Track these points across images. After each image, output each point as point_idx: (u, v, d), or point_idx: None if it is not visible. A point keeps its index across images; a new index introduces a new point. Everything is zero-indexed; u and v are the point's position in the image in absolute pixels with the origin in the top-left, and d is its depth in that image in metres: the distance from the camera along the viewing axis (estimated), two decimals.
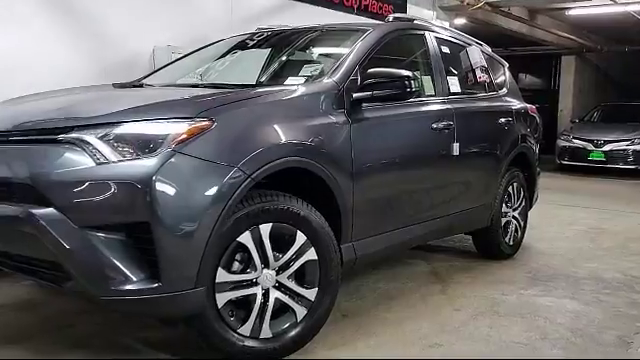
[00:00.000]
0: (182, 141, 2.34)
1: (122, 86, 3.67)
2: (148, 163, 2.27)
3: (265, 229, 2.61)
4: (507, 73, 5.19)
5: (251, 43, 4.14)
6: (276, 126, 2.68)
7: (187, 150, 2.33)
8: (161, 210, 2.23)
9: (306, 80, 3.21)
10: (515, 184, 4.84)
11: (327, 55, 3.64)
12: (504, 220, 4.75)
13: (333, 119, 2.99)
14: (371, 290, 3.94)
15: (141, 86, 3.70)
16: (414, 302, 3.72)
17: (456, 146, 3.89)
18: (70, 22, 4.63)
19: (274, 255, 2.67)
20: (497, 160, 4.49)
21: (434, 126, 3.72)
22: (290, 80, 3.26)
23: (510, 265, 4.71)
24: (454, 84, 4.18)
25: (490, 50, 5.14)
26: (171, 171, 2.28)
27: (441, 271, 4.49)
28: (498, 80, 4.96)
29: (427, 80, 3.93)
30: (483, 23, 11.39)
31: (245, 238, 2.56)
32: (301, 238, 2.73)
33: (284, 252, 2.70)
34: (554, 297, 3.92)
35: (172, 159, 2.30)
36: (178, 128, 2.36)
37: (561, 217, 7.08)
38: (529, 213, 5.28)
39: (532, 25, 12.21)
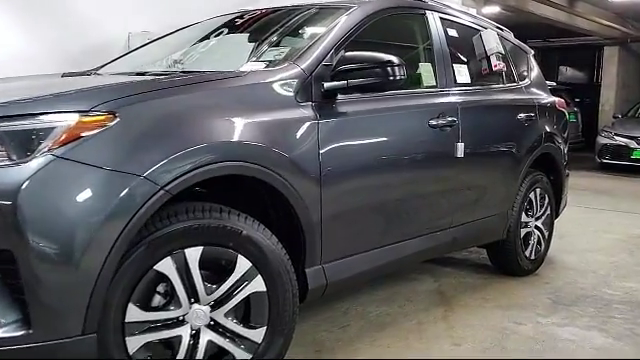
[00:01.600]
0: (66, 142, 1.79)
1: (71, 75, 3.16)
2: (15, 172, 1.73)
3: (193, 254, 2.06)
4: (532, 62, 4.53)
5: (231, 26, 3.59)
6: (207, 123, 2.12)
7: (72, 154, 1.79)
8: (28, 234, 1.70)
9: (267, 66, 2.64)
10: (538, 190, 4.18)
11: (302, 36, 3.05)
12: (524, 231, 4.10)
13: (294, 114, 2.42)
14: (359, 315, 3.35)
15: (89, 75, 3.19)
16: (407, 332, 3.12)
17: (461, 146, 3.27)
18: (29, 7, 4.15)
19: (207, 287, 2.11)
20: (515, 162, 3.85)
21: (432, 123, 3.11)
22: (247, 66, 2.69)
23: (530, 283, 4.06)
24: (462, 74, 3.55)
25: (512, 36, 4.47)
26: (46, 182, 1.74)
27: (448, 290, 3.87)
28: (520, 70, 4.30)
29: (427, 68, 3.31)
30: (517, 11, 10.63)
31: (165, 266, 2.01)
32: (243, 264, 2.17)
33: (220, 283, 2.14)
34: (578, 327, 3.27)
35: (49, 166, 1.76)
36: (63, 125, 1.82)
37: (597, 223, 6.35)
38: (557, 220, 4.61)
39: (570, 12, 11.35)
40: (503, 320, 3.34)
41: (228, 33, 3.53)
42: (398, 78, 2.54)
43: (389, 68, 2.52)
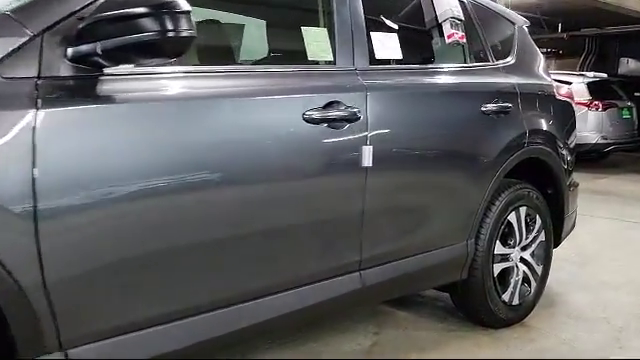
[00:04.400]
0: None
1: None
2: None
3: None
4: (520, 36, 3.33)
5: None
6: None
7: None
8: None
9: None
10: (522, 209, 3.02)
11: None
12: (499, 267, 2.95)
13: None
14: None
15: None
16: None
17: (368, 151, 2.18)
18: None
19: None
20: (475, 172, 2.72)
21: (312, 116, 2.04)
22: None
23: (506, 341, 2.91)
24: (387, 47, 2.45)
25: (492, 1, 3.31)
26: None
27: (385, 349, 2.80)
28: (498, 45, 3.15)
29: (317, 37, 2.23)
30: None
31: None
32: None
33: None
34: None
35: None
36: None
37: (635, 245, 5.04)
38: (583, 239, 3.48)
39: None
40: None
41: None
42: (183, 34, 1.50)
43: (166, 17, 1.48)
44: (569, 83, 9.56)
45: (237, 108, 1.86)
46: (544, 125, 3.12)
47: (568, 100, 3.45)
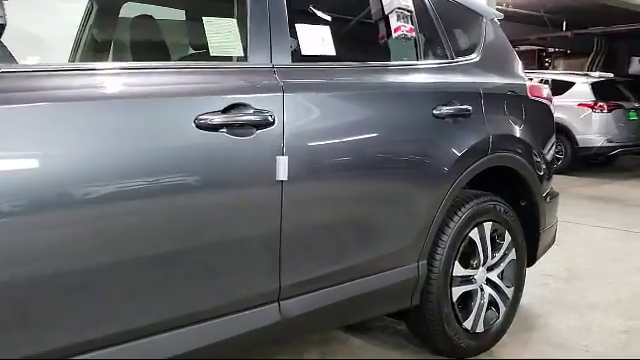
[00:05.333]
0: None
1: None
2: None
3: None
4: (489, 30, 2.98)
5: None
6: None
7: None
8: None
9: None
10: (487, 224, 2.68)
11: None
12: (460, 290, 2.61)
13: None
14: None
15: None
16: None
17: (283, 163, 1.86)
18: None
19: None
20: (425, 183, 2.38)
21: (207, 121, 1.72)
22: None
23: None
24: (317, 42, 2.12)
25: None
26: None
27: None
28: (461, 41, 2.81)
29: (222, 27, 1.91)
30: None
31: None
32: None
33: None
34: None
35: None
36: None
37: (633, 258, 4.64)
38: (574, 251, 3.13)
39: None
40: None
41: None
42: None
43: None
44: (572, 84, 9.19)
45: (103, 112, 1.54)
46: (513, 129, 2.78)
47: (545, 102, 3.09)
